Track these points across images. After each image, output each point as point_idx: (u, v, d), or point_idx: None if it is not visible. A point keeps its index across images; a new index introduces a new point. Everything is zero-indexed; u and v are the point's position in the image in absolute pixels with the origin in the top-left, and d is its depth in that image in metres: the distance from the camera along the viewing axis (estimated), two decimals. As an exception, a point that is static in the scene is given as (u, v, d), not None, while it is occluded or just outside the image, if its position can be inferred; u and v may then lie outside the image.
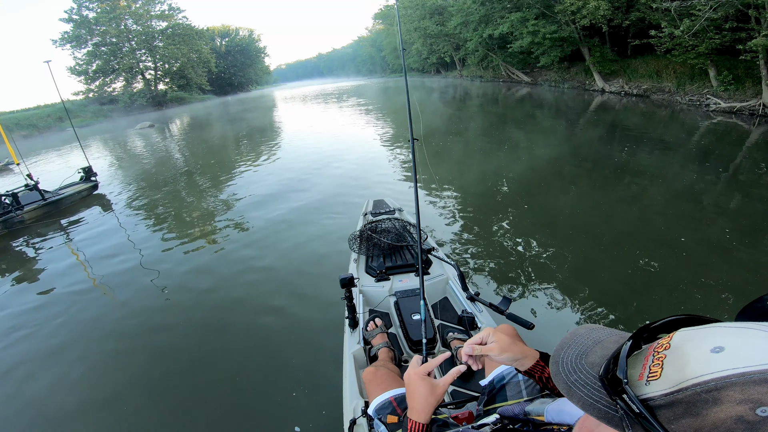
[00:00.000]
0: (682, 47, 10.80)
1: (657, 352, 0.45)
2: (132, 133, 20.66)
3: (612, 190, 5.30)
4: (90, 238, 5.52)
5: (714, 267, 3.23)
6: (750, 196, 4.75)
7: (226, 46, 55.43)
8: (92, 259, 4.78)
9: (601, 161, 6.71)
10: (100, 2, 35.25)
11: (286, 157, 9.39)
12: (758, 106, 9.68)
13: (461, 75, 33.39)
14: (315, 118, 17.35)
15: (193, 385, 2.53)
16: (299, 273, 3.81)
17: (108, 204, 7.35)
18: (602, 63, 16.35)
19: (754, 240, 3.64)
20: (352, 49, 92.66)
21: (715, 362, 0.38)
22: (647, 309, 2.79)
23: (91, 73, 36.29)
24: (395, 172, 7.01)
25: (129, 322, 3.34)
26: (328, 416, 2.08)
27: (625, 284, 3.11)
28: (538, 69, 21.76)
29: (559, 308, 2.88)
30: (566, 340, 0.57)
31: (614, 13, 13.12)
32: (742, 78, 10.66)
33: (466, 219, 4.65)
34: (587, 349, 0.54)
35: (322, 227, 4.82)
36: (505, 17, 18.58)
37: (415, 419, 0.91)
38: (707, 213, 4.41)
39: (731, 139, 7.75)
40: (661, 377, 0.42)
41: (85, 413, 2.43)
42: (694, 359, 0.40)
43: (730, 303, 2.78)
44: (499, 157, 7.51)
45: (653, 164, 6.19)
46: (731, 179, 5.40)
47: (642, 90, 14.08)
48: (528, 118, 12.09)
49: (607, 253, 3.57)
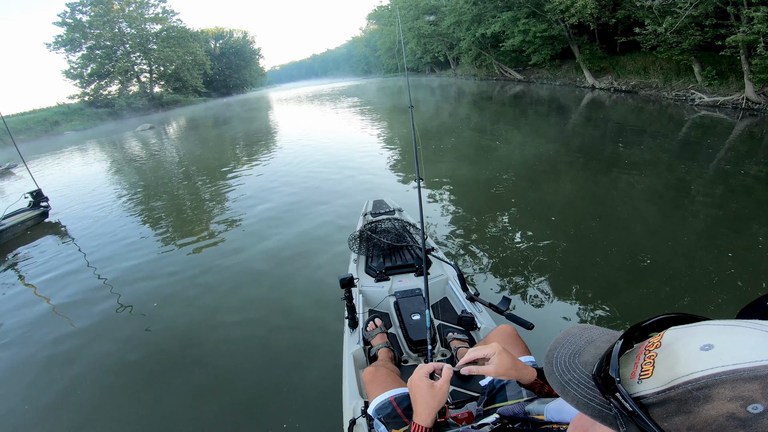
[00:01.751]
0: (666, 44, 11.13)
1: (648, 350, 0.46)
2: (130, 136, 20.80)
3: (609, 186, 5.34)
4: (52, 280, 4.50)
5: (704, 257, 3.32)
6: (735, 187, 4.90)
7: (221, 48, 55.49)
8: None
9: (594, 157, 6.85)
10: (94, 6, 35.33)
11: (281, 159, 9.31)
12: (741, 100, 10.00)
13: (455, 74, 33.69)
14: (312, 119, 17.49)
15: (190, 387, 2.53)
16: (298, 273, 3.79)
17: (73, 234, 5.96)
18: (592, 60, 16.69)
19: (740, 227, 3.82)
20: (347, 50, 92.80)
21: (705, 360, 0.39)
22: (647, 308, 2.79)
23: (86, 77, 36.39)
24: (394, 171, 6.98)
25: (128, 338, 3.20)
26: (328, 416, 2.06)
27: (624, 283, 3.11)
28: (530, 67, 22.07)
29: (558, 308, 2.88)
30: (559, 339, 0.58)
31: (601, 11, 13.44)
32: (726, 73, 10.98)
33: (465, 219, 4.65)
34: (580, 348, 0.55)
35: (322, 227, 4.79)
36: (497, 16, 18.90)
37: (418, 423, 0.93)
38: (696, 204, 4.54)
39: (717, 132, 8.00)
40: (653, 375, 0.43)
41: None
42: (684, 357, 0.41)
43: (722, 294, 2.84)
44: (496, 155, 7.60)
45: (644, 158, 6.33)
46: (717, 170, 5.56)
47: (630, 86, 14.40)
48: (521, 115, 12.28)
49: (606, 252, 3.56)
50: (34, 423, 2.46)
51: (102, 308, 3.64)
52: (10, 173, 13.62)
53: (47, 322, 3.59)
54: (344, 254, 3.24)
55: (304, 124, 15.63)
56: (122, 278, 4.21)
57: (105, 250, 5.08)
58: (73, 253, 5.15)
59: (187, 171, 9.73)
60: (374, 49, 59.36)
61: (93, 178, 10.17)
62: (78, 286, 4.18)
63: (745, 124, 8.36)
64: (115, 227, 5.91)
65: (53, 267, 4.78)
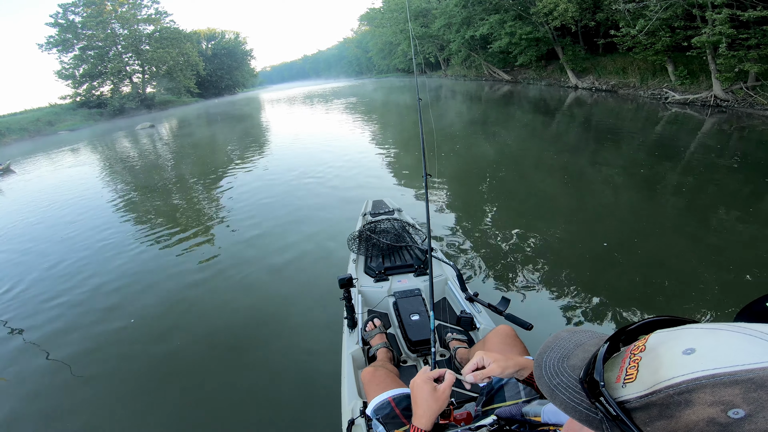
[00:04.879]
0: (641, 45, 11.85)
1: (633, 354, 0.46)
2: (134, 132, 21.06)
3: (608, 186, 5.36)
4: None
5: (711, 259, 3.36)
6: (705, 179, 5.21)
7: (213, 49, 55.49)
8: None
9: (588, 154, 7.08)
10: (86, 6, 35.36)
11: (280, 159, 9.30)
12: (710, 98, 10.71)
13: (446, 74, 34.44)
14: (307, 120, 17.78)
15: (190, 388, 2.54)
16: (297, 273, 3.78)
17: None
18: (575, 61, 17.46)
19: (707, 216, 4.12)
20: (338, 51, 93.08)
21: (686, 364, 0.38)
22: (648, 309, 2.79)
23: (78, 77, 36.37)
24: (394, 171, 6.97)
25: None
26: (327, 416, 2.04)
27: (624, 281, 3.14)
28: (517, 68, 22.83)
29: (558, 308, 2.88)
30: (549, 343, 0.58)
31: (582, 14, 14.16)
32: (697, 72, 11.70)
33: (465, 219, 4.64)
34: (569, 352, 0.55)
35: (321, 227, 4.77)
36: (485, 19, 19.63)
37: (417, 425, 0.93)
38: (665, 196, 4.74)
39: (687, 128, 8.60)
40: (637, 379, 0.42)
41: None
42: (667, 361, 0.40)
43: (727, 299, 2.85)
44: (495, 154, 7.67)
45: (624, 154, 6.69)
46: (685, 164, 5.86)
47: (610, 86, 15.16)
48: (509, 116, 12.68)
49: (606, 251, 3.58)
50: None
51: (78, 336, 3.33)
52: (11, 171, 13.80)
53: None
54: (343, 254, 3.19)
55: (303, 123, 15.83)
56: (124, 281, 4.12)
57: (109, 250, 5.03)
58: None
59: (182, 172, 9.66)
60: (366, 50, 59.87)
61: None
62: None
63: (713, 121, 8.95)
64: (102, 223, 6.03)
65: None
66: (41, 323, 3.55)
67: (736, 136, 7.54)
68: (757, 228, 3.74)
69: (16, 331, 3.49)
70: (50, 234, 5.95)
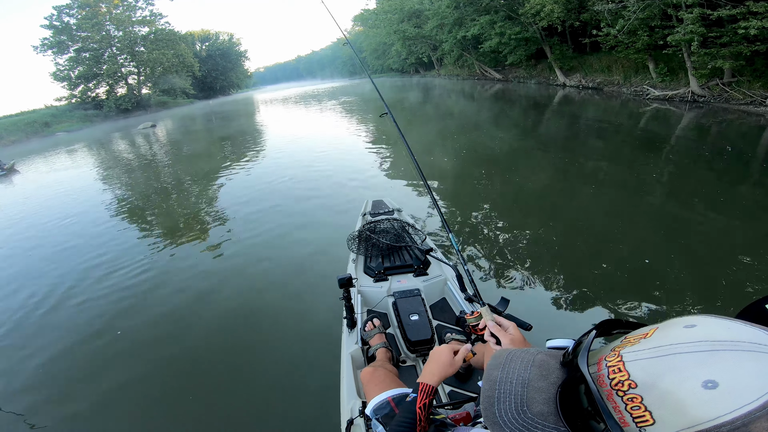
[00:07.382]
0: (623, 44, 12.43)
1: (622, 392, 0.43)
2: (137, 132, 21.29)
3: (607, 187, 5.34)
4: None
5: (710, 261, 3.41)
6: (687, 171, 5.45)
7: (207, 51, 55.63)
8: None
9: (584, 153, 7.21)
10: (81, 8, 35.49)
11: (277, 158, 9.33)
12: (687, 94, 11.32)
13: (439, 74, 34.99)
14: (302, 120, 18.11)
15: (188, 388, 2.56)
16: (297, 273, 3.80)
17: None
18: (562, 60, 18.07)
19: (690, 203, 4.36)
20: (332, 51, 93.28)
21: (725, 400, 0.37)
22: (646, 304, 2.82)
23: (73, 79, 36.47)
24: (394, 171, 6.98)
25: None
26: (326, 416, 2.04)
27: (624, 281, 3.15)
28: (508, 67, 23.41)
29: (557, 308, 2.88)
30: (488, 393, 0.53)
31: (567, 14, 14.71)
32: (676, 70, 12.29)
33: (464, 219, 4.64)
34: (520, 397, 0.51)
35: (320, 227, 4.79)
36: (476, 20, 20.19)
37: (426, 381, 0.99)
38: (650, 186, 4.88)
39: (668, 122, 9.11)
40: (657, 422, 0.40)
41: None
42: (692, 399, 0.38)
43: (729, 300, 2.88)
44: (493, 154, 7.74)
45: (611, 149, 6.98)
46: (666, 157, 6.12)
47: (596, 83, 15.77)
48: (502, 114, 13.07)
49: (607, 253, 3.58)
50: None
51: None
52: (15, 171, 14.02)
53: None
54: (343, 254, 3.25)
55: (299, 124, 16.11)
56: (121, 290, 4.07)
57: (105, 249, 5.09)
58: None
59: (178, 174, 9.71)
60: (359, 51, 60.21)
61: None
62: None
63: (691, 116, 9.49)
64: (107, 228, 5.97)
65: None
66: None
67: (715, 130, 8.02)
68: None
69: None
70: (51, 235, 6.04)
